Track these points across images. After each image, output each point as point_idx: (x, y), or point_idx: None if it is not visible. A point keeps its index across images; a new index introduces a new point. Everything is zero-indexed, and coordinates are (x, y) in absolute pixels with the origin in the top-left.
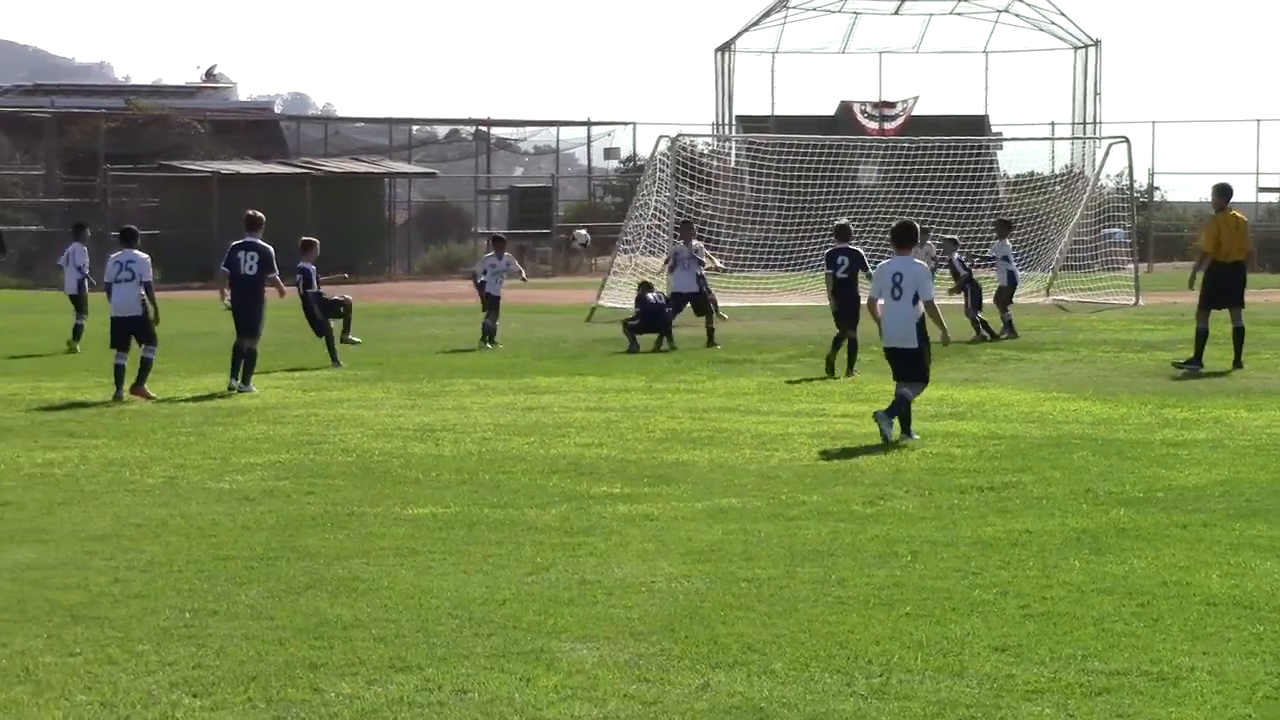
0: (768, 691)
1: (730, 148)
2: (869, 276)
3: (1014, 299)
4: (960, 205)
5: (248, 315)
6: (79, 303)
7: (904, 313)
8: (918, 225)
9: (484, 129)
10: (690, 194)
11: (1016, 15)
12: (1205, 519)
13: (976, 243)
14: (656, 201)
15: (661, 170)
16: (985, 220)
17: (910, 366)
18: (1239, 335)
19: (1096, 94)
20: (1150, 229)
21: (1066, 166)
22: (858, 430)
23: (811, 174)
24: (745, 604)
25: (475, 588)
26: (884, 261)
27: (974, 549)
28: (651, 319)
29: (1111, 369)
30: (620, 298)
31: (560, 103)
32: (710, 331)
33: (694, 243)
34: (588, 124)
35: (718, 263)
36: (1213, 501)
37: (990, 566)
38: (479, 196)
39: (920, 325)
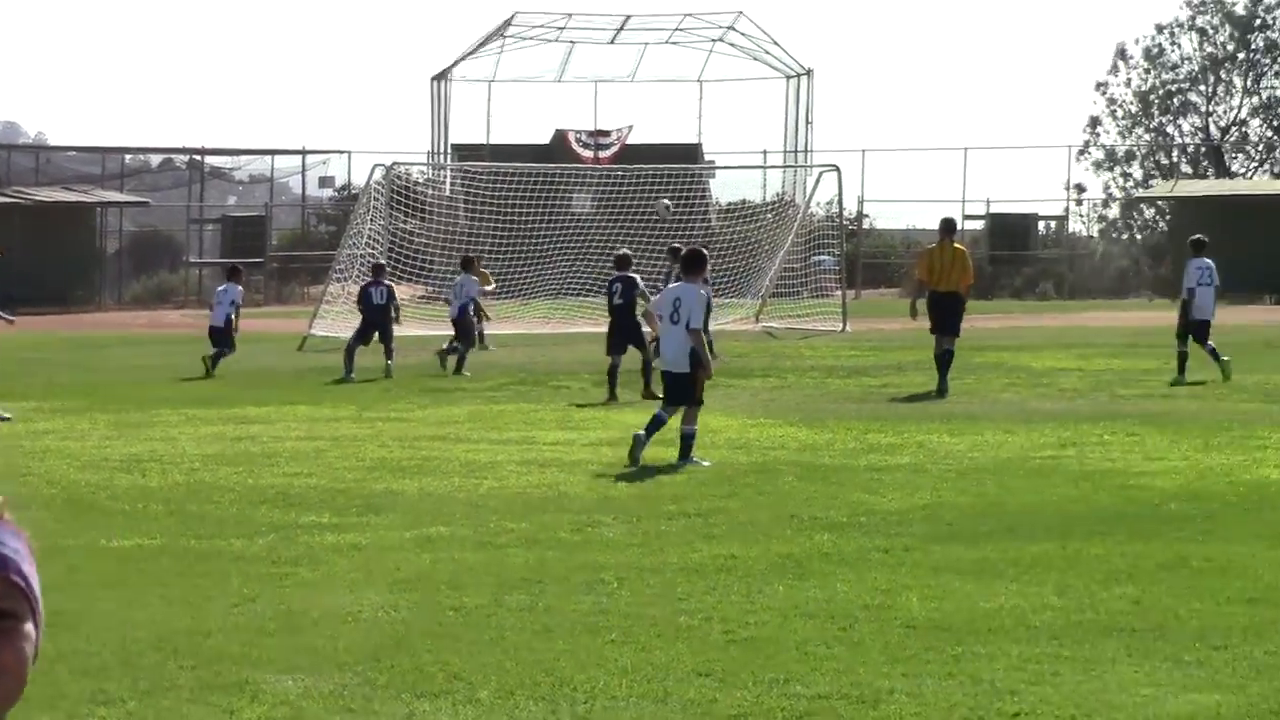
0: (473, 719)
1: (445, 176)
2: (645, 302)
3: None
4: (673, 233)
5: None
6: None
7: (681, 337)
8: (706, 253)
9: (197, 158)
10: (405, 222)
11: (731, 45)
12: (906, 543)
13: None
14: (371, 230)
15: (376, 199)
16: (697, 244)
17: (681, 390)
18: (945, 359)
19: (808, 123)
20: (859, 256)
21: (778, 194)
22: (567, 458)
23: (526, 202)
24: (451, 633)
25: (180, 620)
26: (671, 285)
27: (680, 575)
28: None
29: (818, 395)
30: (332, 326)
31: (275, 131)
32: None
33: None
34: (303, 152)
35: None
36: (914, 525)
37: (696, 592)
38: (191, 225)
39: (695, 353)
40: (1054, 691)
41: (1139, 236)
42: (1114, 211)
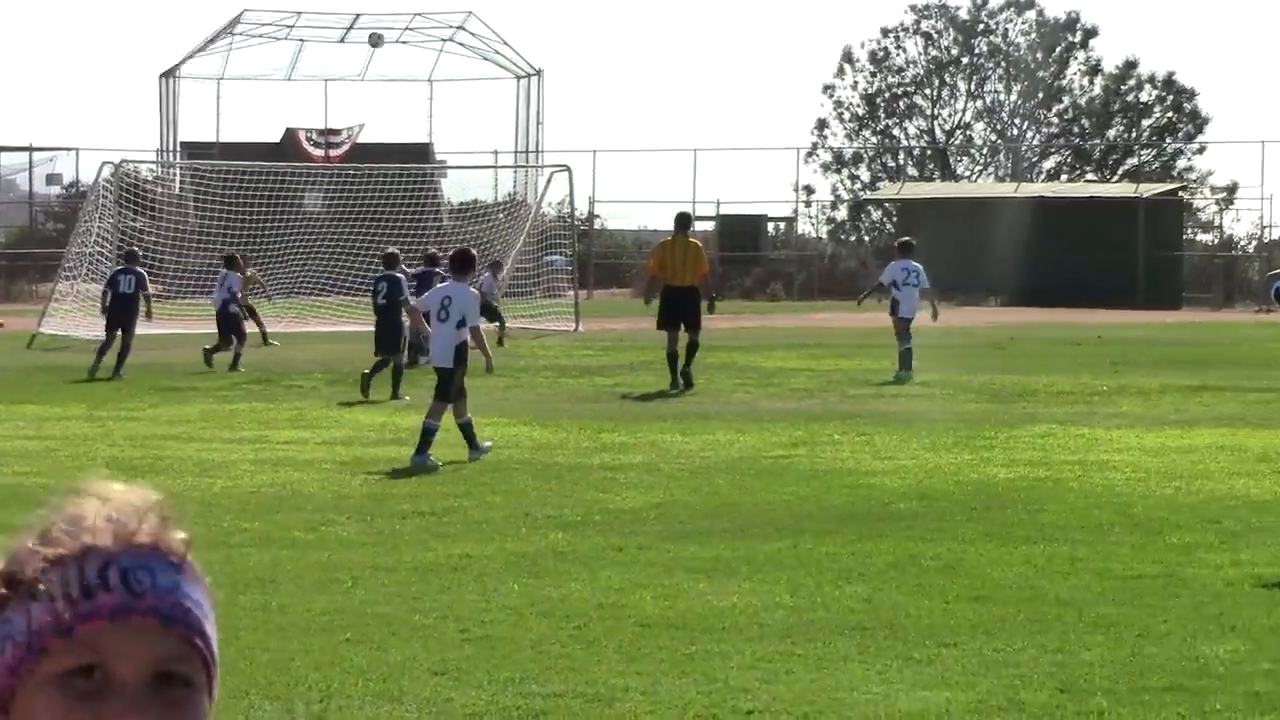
0: None
1: (175, 174)
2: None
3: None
4: (404, 232)
5: None
6: None
7: (448, 334)
8: (474, 253)
9: None
10: (134, 220)
11: (461, 44)
12: (640, 541)
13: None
14: (99, 228)
15: (104, 197)
16: (429, 246)
17: (445, 385)
18: (691, 349)
19: (539, 123)
20: (590, 256)
21: (510, 194)
22: (300, 457)
23: (257, 200)
24: None
25: None
26: (440, 284)
27: (414, 574)
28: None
29: (551, 394)
30: (63, 325)
31: (0, 126)
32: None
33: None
34: (29, 149)
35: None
36: (648, 524)
37: (431, 591)
38: None
39: (462, 349)
40: (787, 689)
41: (867, 238)
42: (842, 213)
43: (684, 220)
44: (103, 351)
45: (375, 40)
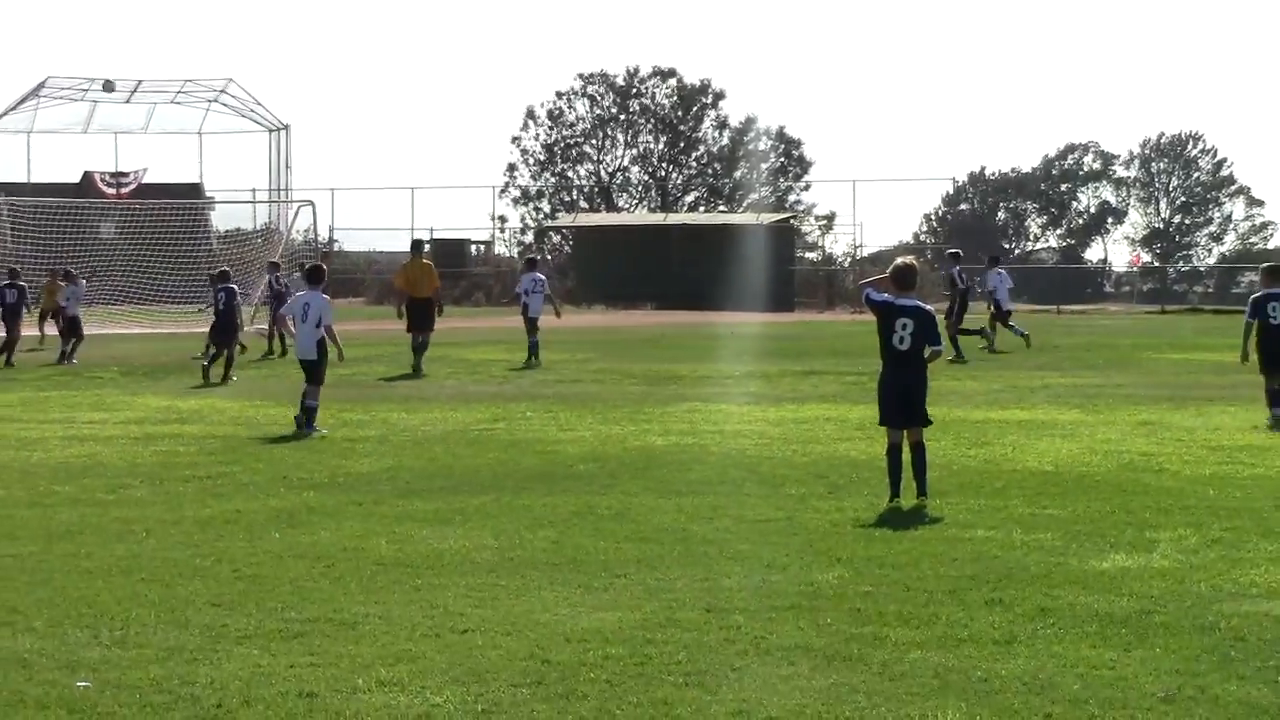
0: (29, 645)
1: None
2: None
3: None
4: (180, 255)
5: None
6: None
7: (309, 333)
8: (324, 266)
9: None
10: None
11: (224, 105)
12: (376, 498)
13: (191, 283)
14: None
15: None
16: (201, 266)
17: (311, 371)
18: (419, 349)
19: (288, 166)
20: (331, 273)
21: (266, 223)
22: (102, 434)
23: (63, 229)
24: (9, 575)
25: None
26: (299, 293)
27: (196, 526)
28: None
29: (301, 382)
30: None
31: None
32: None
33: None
34: None
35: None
36: (381, 484)
37: (209, 540)
38: None
39: (322, 343)
40: (494, 612)
41: (549, 257)
42: (529, 237)
43: (418, 245)
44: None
45: (108, 86)
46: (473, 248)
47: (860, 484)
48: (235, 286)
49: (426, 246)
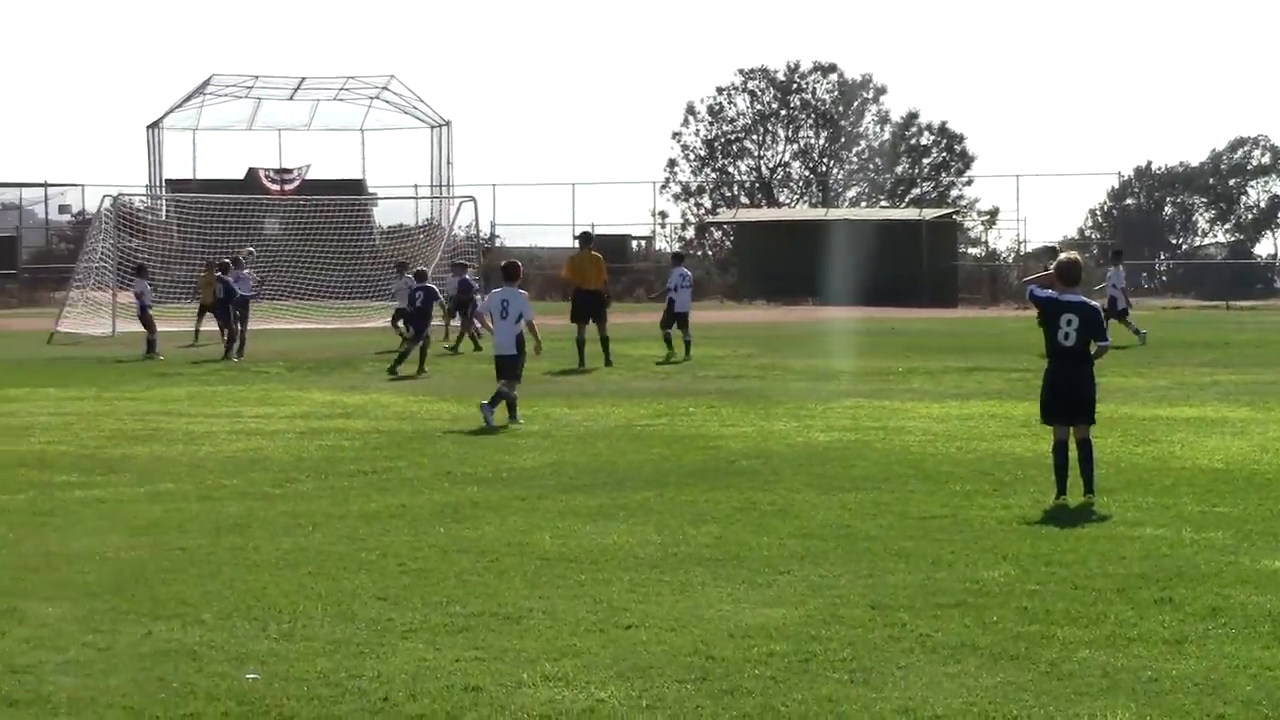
0: (199, 637)
1: (161, 204)
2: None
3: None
4: (343, 251)
5: None
6: None
7: (508, 329)
8: (519, 264)
9: None
10: (130, 241)
11: (386, 101)
12: (539, 492)
13: (356, 279)
14: (101, 248)
15: (105, 223)
16: (364, 261)
17: (508, 367)
18: (604, 344)
19: (449, 162)
20: (493, 270)
21: (428, 219)
22: (268, 428)
23: (226, 225)
24: (179, 568)
25: None
26: (496, 289)
27: (361, 520)
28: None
29: (467, 378)
30: (74, 324)
31: (21, 167)
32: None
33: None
34: (45, 185)
35: None
36: (545, 479)
37: (374, 534)
38: None
39: (520, 339)
40: (657, 608)
41: (710, 253)
42: (690, 233)
43: (587, 237)
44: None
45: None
46: (634, 243)
47: (1026, 481)
48: (435, 287)
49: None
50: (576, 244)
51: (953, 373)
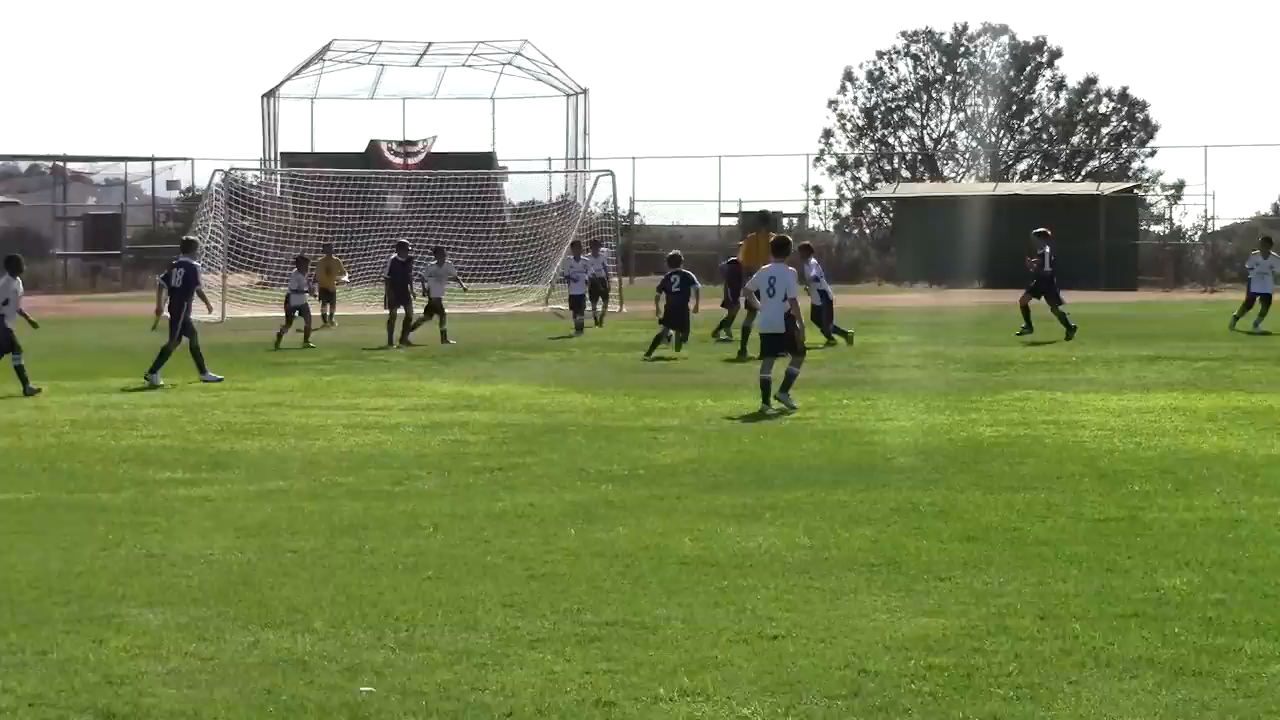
0: (310, 646)
1: (276, 180)
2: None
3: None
4: (472, 229)
5: None
6: None
7: (777, 307)
8: (790, 239)
9: (60, 163)
10: (242, 220)
11: (518, 68)
12: (679, 492)
13: (484, 260)
14: (213, 226)
15: (216, 200)
16: (494, 241)
17: (780, 343)
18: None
19: (585, 134)
20: (632, 248)
21: (562, 195)
22: (386, 421)
23: (346, 202)
24: (290, 572)
25: (53, 563)
26: (765, 266)
27: (486, 521)
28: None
29: (600, 366)
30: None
31: (127, 140)
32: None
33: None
34: (152, 159)
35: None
36: (685, 477)
37: (500, 535)
38: (56, 223)
39: (789, 316)
40: (806, 617)
41: (868, 231)
42: (846, 209)
43: (765, 216)
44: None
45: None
46: (784, 221)
47: (1211, 480)
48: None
49: (784, 223)
50: (732, 223)
51: (1131, 362)
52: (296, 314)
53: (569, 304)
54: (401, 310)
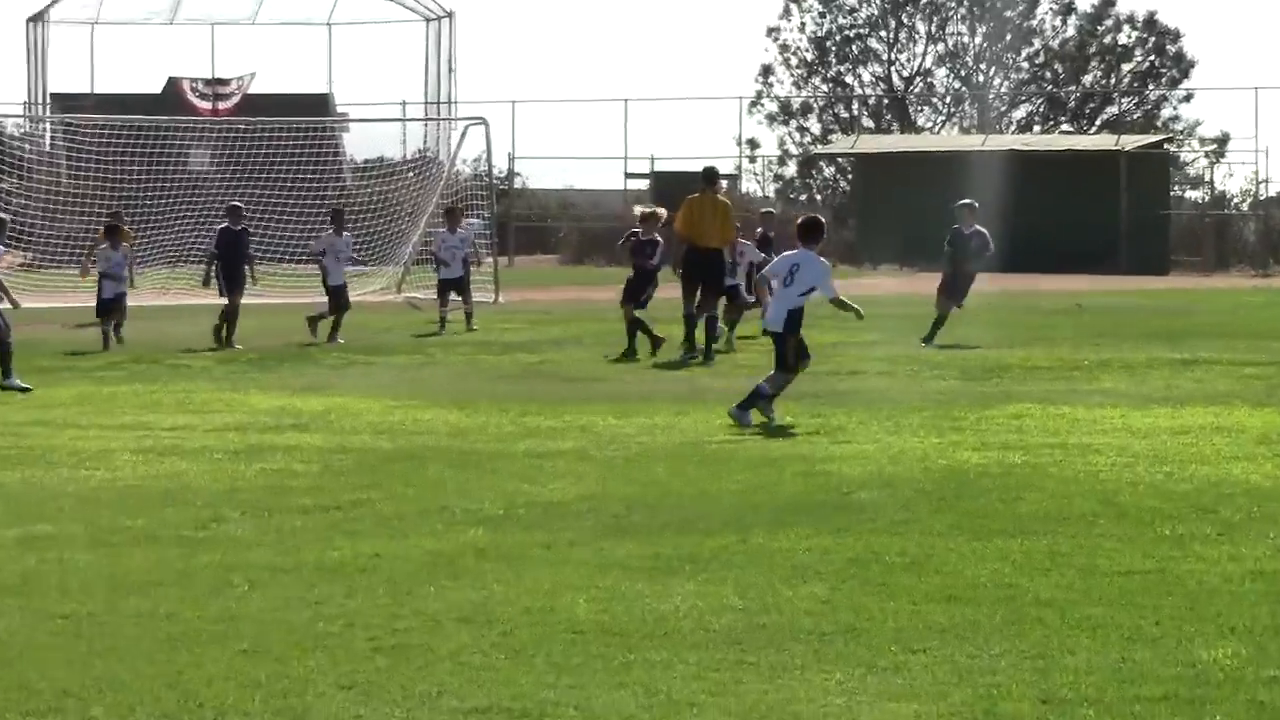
0: None
1: (45, 129)
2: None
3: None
4: (303, 192)
5: None
6: None
7: (787, 298)
8: (823, 220)
9: None
10: (1, 182)
11: None
12: (571, 537)
13: (318, 233)
14: None
15: None
16: (330, 206)
17: (781, 351)
18: (709, 325)
19: (451, 70)
20: (511, 219)
21: (420, 150)
22: (187, 445)
23: (138, 158)
24: (60, 644)
25: None
26: (787, 252)
27: (318, 575)
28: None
29: (469, 373)
30: None
31: None
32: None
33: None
34: None
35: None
36: (579, 518)
37: (336, 595)
38: None
39: (794, 314)
40: (737, 702)
41: (819, 196)
42: (791, 169)
43: (711, 175)
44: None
45: None
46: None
47: (1264, 521)
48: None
49: (724, 183)
50: (643, 190)
51: (1161, 367)
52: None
53: (437, 291)
54: (228, 300)
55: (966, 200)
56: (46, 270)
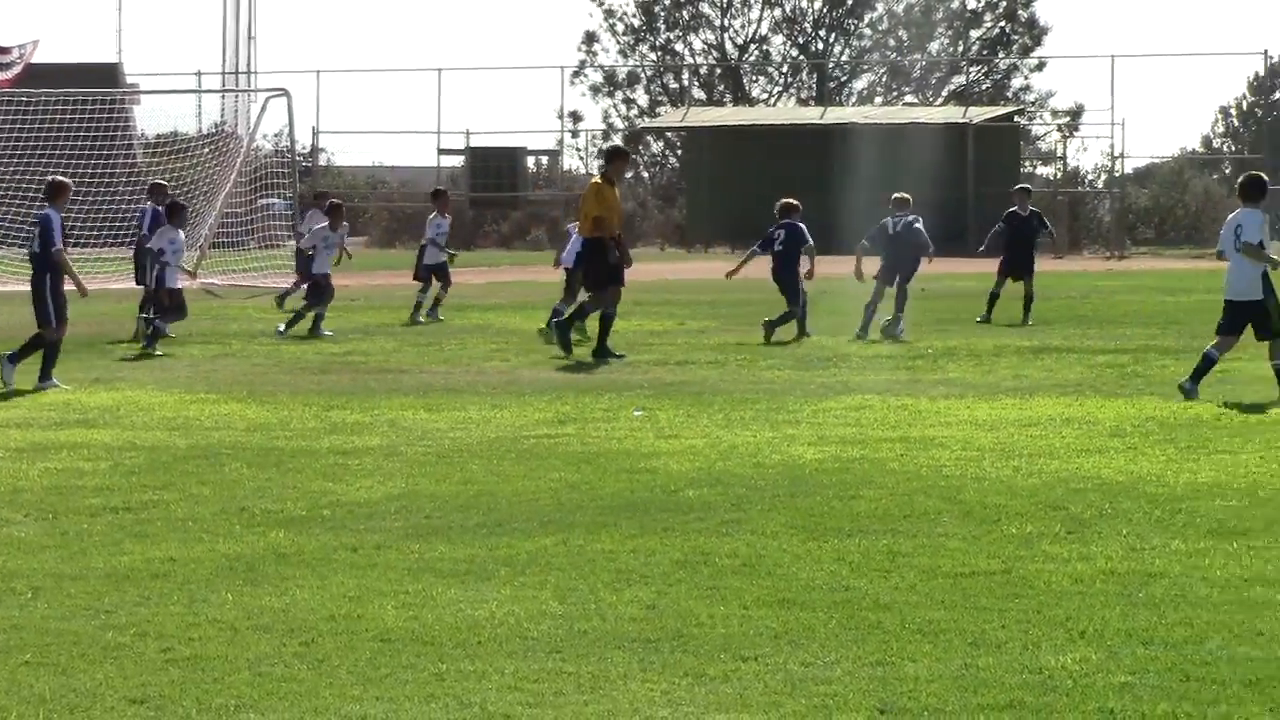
0: None
1: None
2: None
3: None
4: (91, 171)
5: None
6: None
7: (1242, 262)
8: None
9: None
10: None
11: None
12: (379, 540)
13: (116, 211)
14: None
15: None
16: (119, 189)
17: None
18: (577, 312)
19: (251, 38)
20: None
21: (216, 125)
22: None
23: None
24: None
25: None
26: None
27: (107, 583)
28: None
29: (270, 365)
30: None
31: None
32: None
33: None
34: None
35: None
36: (388, 519)
37: (126, 603)
38: None
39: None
40: (555, 715)
41: (645, 174)
42: (616, 144)
43: (617, 152)
44: None
45: None
46: (530, 160)
47: (1116, 518)
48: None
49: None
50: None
51: (1009, 355)
52: None
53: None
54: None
55: (899, 193)
56: None
